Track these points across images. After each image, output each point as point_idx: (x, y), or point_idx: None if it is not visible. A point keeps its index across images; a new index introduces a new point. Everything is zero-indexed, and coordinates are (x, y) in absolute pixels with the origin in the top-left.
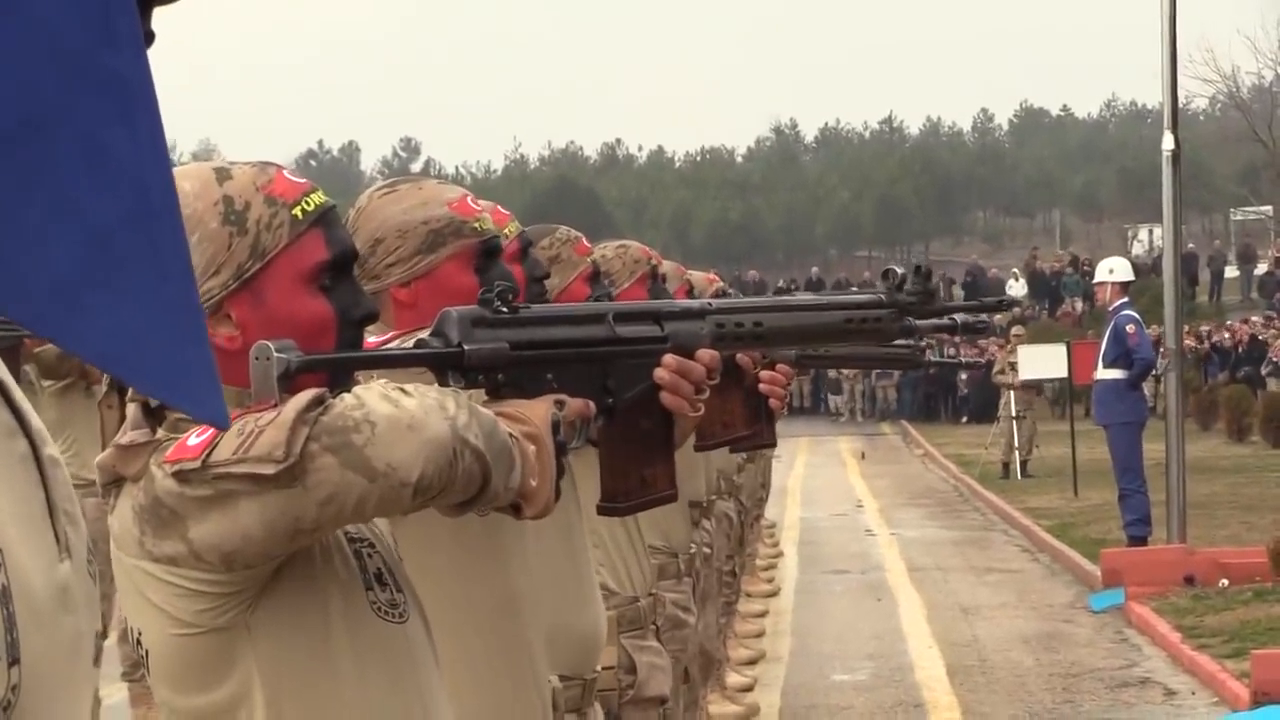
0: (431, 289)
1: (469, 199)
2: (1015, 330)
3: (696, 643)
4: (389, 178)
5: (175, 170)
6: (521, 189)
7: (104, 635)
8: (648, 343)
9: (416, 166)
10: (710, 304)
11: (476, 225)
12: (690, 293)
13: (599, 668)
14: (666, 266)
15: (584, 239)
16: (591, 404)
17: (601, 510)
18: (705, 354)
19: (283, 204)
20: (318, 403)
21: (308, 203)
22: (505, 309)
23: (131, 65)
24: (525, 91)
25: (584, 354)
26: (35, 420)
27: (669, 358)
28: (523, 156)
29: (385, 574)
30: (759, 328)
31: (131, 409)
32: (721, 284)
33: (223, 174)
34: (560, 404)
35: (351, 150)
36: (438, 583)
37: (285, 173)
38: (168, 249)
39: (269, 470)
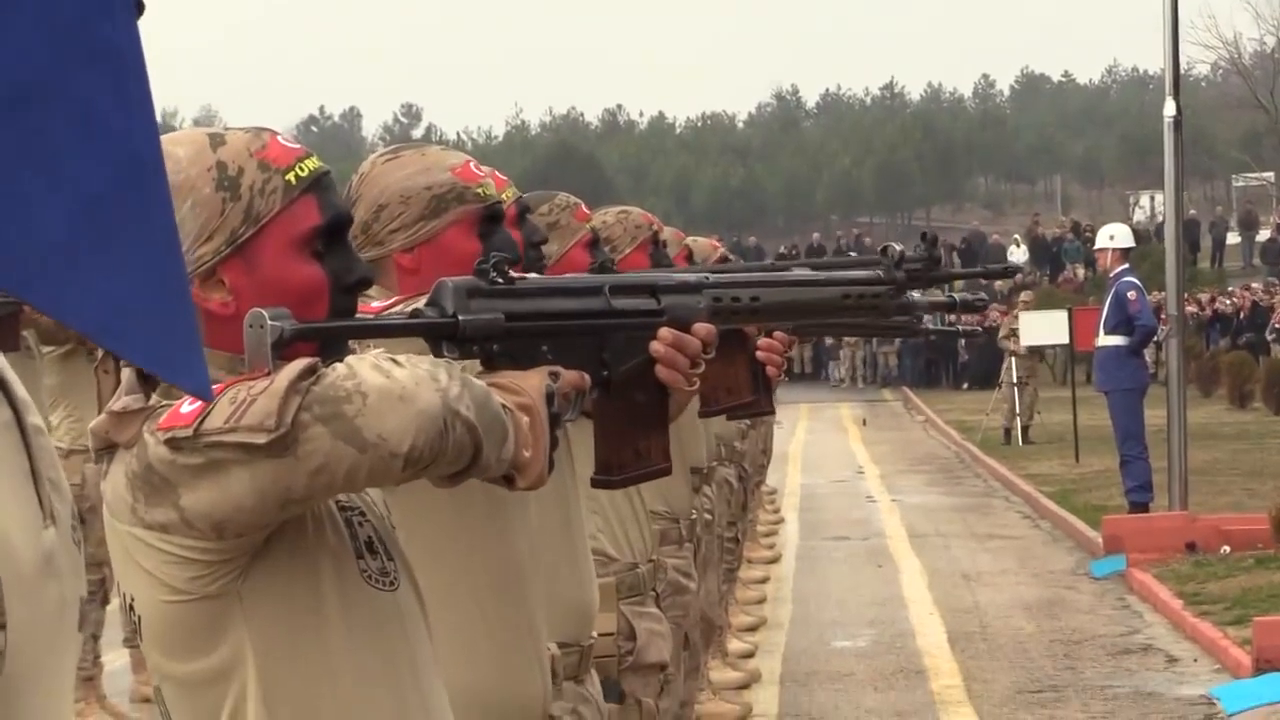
0: (435, 255)
1: (471, 164)
2: (1024, 296)
3: (698, 609)
4: (390, 144)
5: (169, 136)
6: (522, 155)
7: (105, 601)
8: (644, 316)
9: (418, 132)
10: (707, 277)
11: (479, 191)
12: (690, 259)
13: (596, 634)
14: (666, 233)
15: (583, 205)
16: (586, 376)
17: (595, 483)
18: (701, 328)
19: (276, 170)
20: (310, 372)
21: (301, 168)
22: (501, 279)
23: (123, 35)
24: (526, 57)
25: (579, 326)
26: (20, 389)
27: (665, 331)
28: (524, 122)
29: (376, 542)
30: (755, 302)
31: (126, 374)
32: (724, 250)
33: (216, 140)
34: (555, 375)
35: (353, 116)
36: (440, 550)
37: (279, 138)
38: (156, 219)
39: (260, 439)
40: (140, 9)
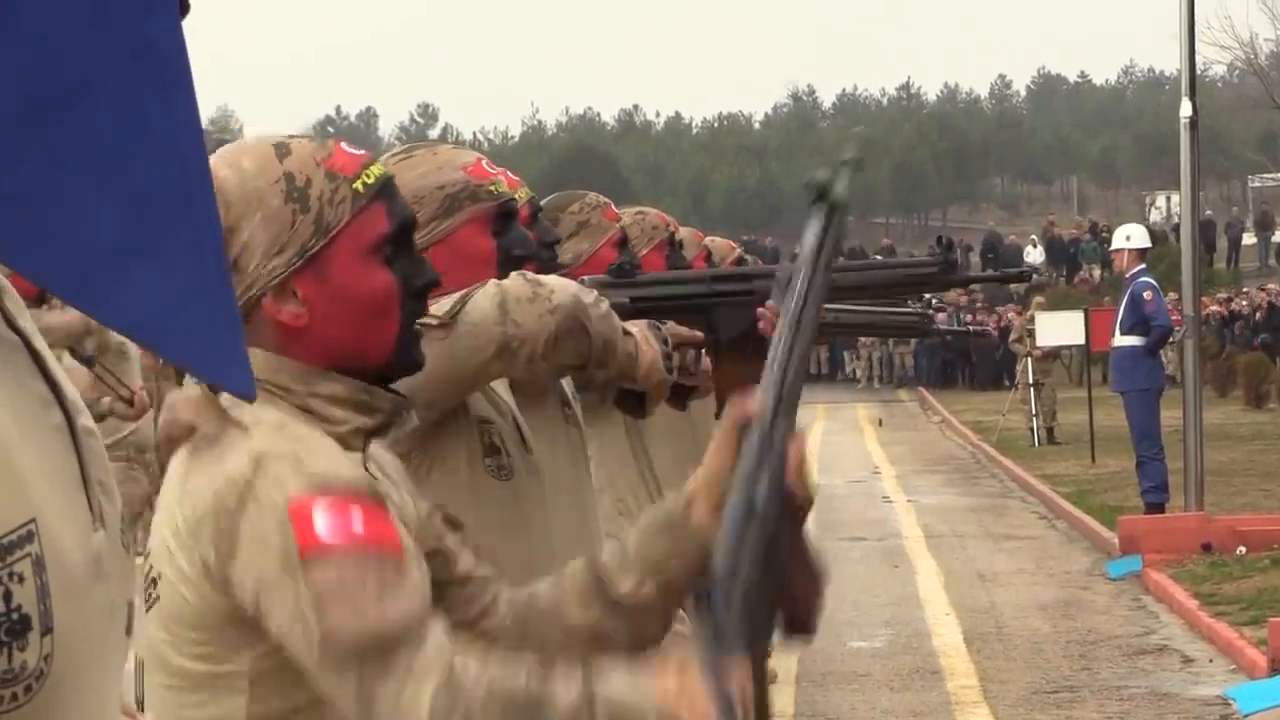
0: (450, 253)
1: (484, 162)
2: (1038, 299)
3: None
4: (405, 144)
5: (232, 146)
6: (539, 155)
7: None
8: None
9: (434, 133)
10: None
11: (492, 188)
12: (709, 259)
13: None
14: (684, 233)
15: (613, 205)
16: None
17: None
18: None
19: (344, 179)
20: None
21: (368, 175)
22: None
23: (168, 35)
24: (543, 57)
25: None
26: (71, 391)
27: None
28: (540, 123)
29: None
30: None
31: None
32: (740, 252)
33: (282, 150)
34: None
35: (369, 116)
36: None
37: (343, 145)
38: (201, 222)
39: None
40: (185, 9)
